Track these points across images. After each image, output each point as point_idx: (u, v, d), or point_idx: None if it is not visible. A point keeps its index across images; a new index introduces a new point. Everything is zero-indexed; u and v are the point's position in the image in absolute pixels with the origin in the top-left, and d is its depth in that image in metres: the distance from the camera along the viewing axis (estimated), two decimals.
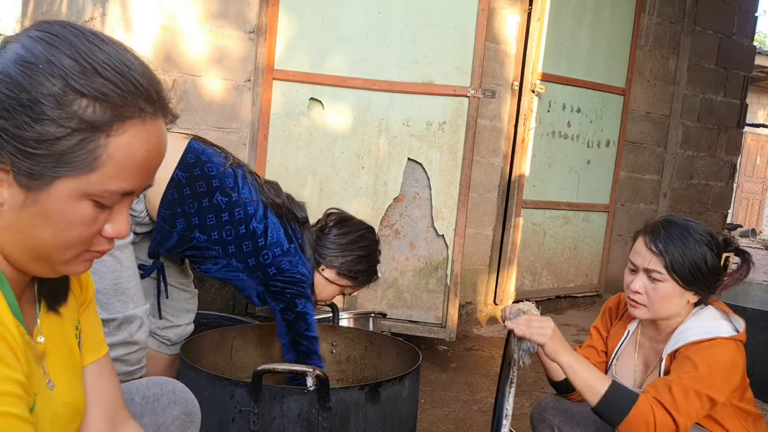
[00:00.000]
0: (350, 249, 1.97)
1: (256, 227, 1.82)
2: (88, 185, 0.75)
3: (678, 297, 1.53)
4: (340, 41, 3.22)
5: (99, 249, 0.83)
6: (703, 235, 1.53)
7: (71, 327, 0.96)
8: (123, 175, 0.77)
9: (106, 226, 0.81)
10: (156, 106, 0.80)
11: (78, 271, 0.84)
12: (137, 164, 0.78)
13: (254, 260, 1.84)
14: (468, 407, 2.78)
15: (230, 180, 1.82)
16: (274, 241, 1.84)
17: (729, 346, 1.47)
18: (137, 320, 1.79)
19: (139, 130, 0.77)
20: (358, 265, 1.99)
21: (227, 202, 1.79)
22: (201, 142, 1.88)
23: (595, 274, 4.55)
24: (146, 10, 2.79)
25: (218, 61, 2.98)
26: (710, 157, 5.15)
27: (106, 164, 0.75)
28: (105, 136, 0.74)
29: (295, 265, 1.86)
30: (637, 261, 1.56)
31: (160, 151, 0.82)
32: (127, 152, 0.76)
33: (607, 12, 4.17)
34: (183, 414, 1.26)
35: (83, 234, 0.78)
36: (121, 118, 0.75)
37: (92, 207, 0.77)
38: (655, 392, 1.42)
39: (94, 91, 0.73)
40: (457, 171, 3.45)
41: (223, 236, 1.80)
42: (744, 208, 12.99)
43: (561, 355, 1.43)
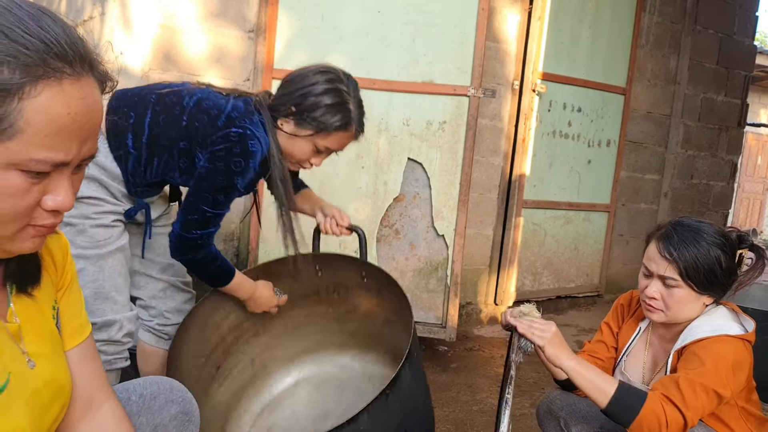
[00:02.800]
0: (301, 90, 1.75)
1: (187, 102, 1.76)
2: (9, 154, 0.71)
3: (694, 301, 1.53)
4: (339, 40, 3.21)
5: (43, 223, 0.78)
6: (716, 237, 1.51)
7: (48, 308, 0.95)
8: (47, 142, 0.72)
9: (45, 198, 0.77)
10: (76, 67, 0.74)
11: (27, 248, 0.80)
12: (61, 129, 0.73)
13: (194, 131, 1.74)
14: (468, 408, 2.78)
15: (162, 84, 1.83)
16: (208, 105, 1.75)
17: (734, 343, 1.46)
18: (116, 324, 1.77)
19: (56, 92, 0.72)
20: (315, 104, 1.75)
21: (158, 97, 1.78)
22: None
23: (595, 274, 4.54)
24: (145, 9, 2.79)
25: (218, 60, 2.97)
26: (711, 156, 5.14)
27: (24, 130, 0.70)
28: (17, 100, 0.69)
29: (233, 120, 1.72)
30: (651, 267, 1.55)
31: (88, 116, 0.76)
32: (47, 116, 0.71)
33: (608, 11, 4.16)
34: (181, 413, 1.26)
35: (17, 207, 0.74)
36: (32, 78, 0.70)
37: (22, 177, 0.73)
38: (663, 389, 1.41)
39: (0, 54, 0.69)
40: (457, 171, 3.45)
41: (161, 124, 1.75)
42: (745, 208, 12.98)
43: (563, 359, 1.42)
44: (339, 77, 1.81)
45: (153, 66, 2.81)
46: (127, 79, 2.78)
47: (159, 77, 2.83)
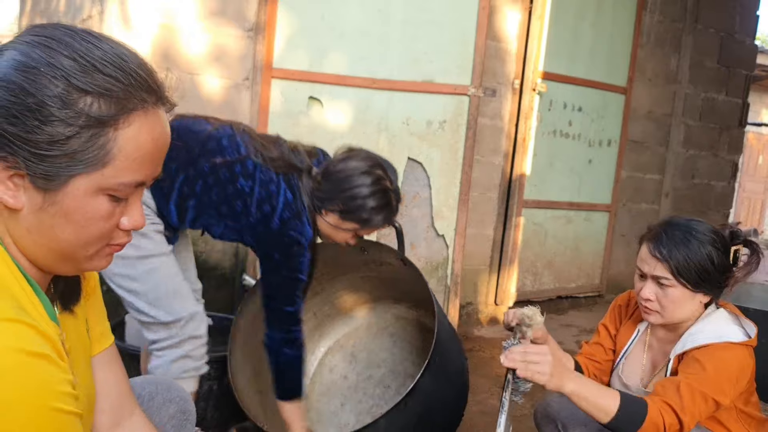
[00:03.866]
0: (348, 191, 1.81)
1: (242, 185, 1.79)
2: (102, 180, 0.77)
3: (689, 300, 1.52)
4: (339, 39, 3.20)
5: (118, 242, 0.85)
6: (706, 235, 1.50)
7: (83, 322, 0.98)
8: (134, 166, 0.79)
9: (122, 219, 0.83)
10: (156, 96, 0.82)
11: (101, 266, 0.86)
12: (146, 154, 0.80)
13: (245, 219, 1.81)
14: (468, 408, 2.76)
15: (212, 144, 1.80)
16: (261, 198, 1.79)
17: (739, 351, 1.45)
18: (199, 315, 1.86)
19: (143, 121, 0.79)
20: (360, 206, 1.83)
21: (210, 167, 1.78)
22: (178, 119, 1.85)
23: (596, 275, 4.53)
24: (144, 7, 2.78)
25: (217, 59, 2.96)
26: (712, 156, 5.13)
27: (117, 157, 0.77)
28: (113, 130, 0.76)
29: (285, 222, 1.79)
30: (644, 268, 1.54)
31: (165, 139, 0.84)
32: (136, 143, 0.78)
33: (609, 10, 4.15)
34: (179, 412, 1.26)
35: (103, 229, 0.81)
36: (126, 110, 0.77)
37: (108, 201, 0.79)
38: (663, 392, 1.41)
39: (97, 88, 0.75)
40: (457, 170, 3.44)
41: (213, 198, 1.80)
42: (746, 208, 12.96)
43: (564, 386, 1.38)
44: (383, 175, 1.87)
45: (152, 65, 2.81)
46: None
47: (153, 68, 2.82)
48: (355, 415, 2.49)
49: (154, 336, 1.84)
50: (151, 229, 1.78)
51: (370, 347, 2.61)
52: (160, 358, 1.84)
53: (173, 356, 1.83)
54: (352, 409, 2.51)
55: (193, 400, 1.90)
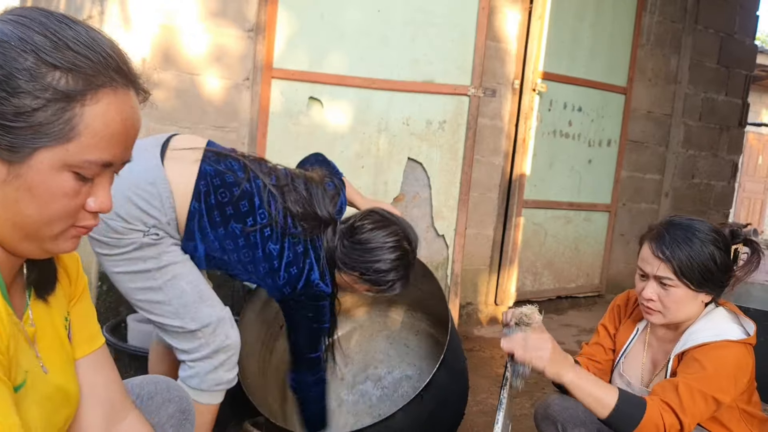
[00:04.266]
0: (372, 262, 1.86)
1: (271, 249, 1.81)
2: (67, 155, 0.78)
3: (691, 300, 1.51)
4: (339, 40, 3.20)
5: (84, 224, 0.85)
6: (708, 234, 1.50)
7: (60, 318, 0.98)
8: (101, 144, 0.80)
9: (89, 200, 0.83)
10: (126, 78, 0.83)
11: (66, 248, 0.86)
12: (114, 134, 0.81)
13: (271, 280, 1.84)
14: (468, 408, 2.76)
15: (245, 204, 1.79)
16: (289, 261, 1.82)
17: (737, 349, 1.45)
18: (227, 320, 1.84)
19: (112, 99, 0.80)
20: (381, 277, 1.88)
21: (242, 229, 1.78)
22: (212, 160, 1.81)
23: (596, 275, 4.53)
24: (145, 8, 2.78)
25: (217, 59, 2.96)
26: (712, 156, 5.13)
27: (83, 134, 0.78)
28: (80, 106, 0.77)
29: (311, 283, 1.84)
30: (646, 268, 1.54)
31: (134, 123, 0.84)
32: (103, 121, 0.79)
33: (609, 10, 4.15)
34: (178, 412, 1.26)
35: (67, 207, 0.81)
36: (93, 87, 0.78)
37: (73, 179, 0.80)
38: (662, 393, 1.40)
39: (65, 63, 0.77)
40: (457, 170, 3.44)
41: (242, 258, 1.81)
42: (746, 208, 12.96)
43: (563, 375, 1.40)
44: (408, 250, 1.92)
45: (152, 65, 2.81)
46: None
47: (158, 76, 2.83)
48: (353, 416, 2.50)
49: (185, 346, 1.81)
50: (169, 243, 1.77)
51: (366, 348, 2.62)
52: (193, 369, 1.81)
53: (208, 368, 1.80)
54: (350, 410, 2.52)
55: (216, 413, 1.87)
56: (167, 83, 2.86)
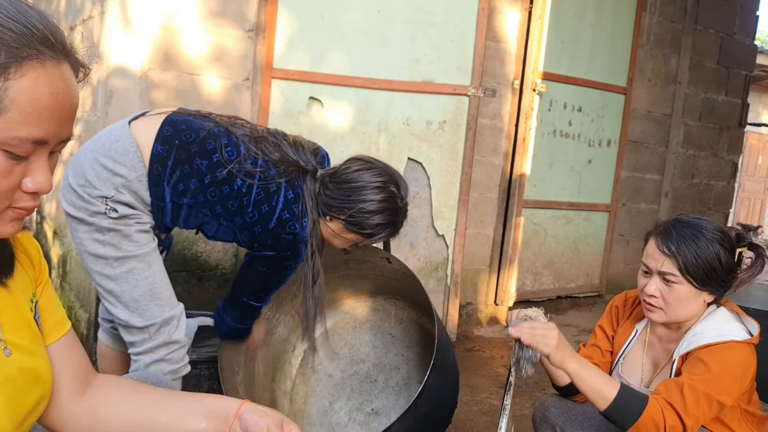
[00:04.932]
0: (357, 202, 1.77)
1: (240, 186, 1.75)
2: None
3: (694, 298, 1.51)
4: (339, 40, 3.20)
5: (23, 206, 0.82)
6: (715, 233, 1.50)
7: (25, 301, 0.97)
8: (30, 120, 0.76)
9: (25, 181, 0.80)
10: (56, 51, 0.79)
11: (6, 231, 0.83)
12: (44, 108, 0.77)
13: (240, 219, 1.77)
14: (469, 408, 2.77)
15: (211, 142, 1.77)
16: (260, 198, 1.76)
17: (742, 350, 1.45)
18: (174, 320, 1.84)
19: (40, 73, 0.76)
20: (368, 219, 1.79)
21: (207, 165, 1.75)
22: (179, 113, 1.82)
23: (596, 275, 4.53)
24: (145, 8, 2.78)
25: (217, 59, 2.96)
26: (712, 156, 5.14)
27: (9, 109, 0.74)
28: (3, 80, 0.74)
29: (284, 223, 1.75)
30: (650, 264, 1.54)
31: (68, 97, 0.80)
32: (31, 96, 0.75)
33: (609, 10, 4.16)
34: None
35: (0, 187, 0.78)
36: (17, 59, 0.74)
37: (4, 157, 0.76)
38: (666, 393, 1.40)
39: None
40: (457, 170, 3.44)
41: (208, 198, 1.76)
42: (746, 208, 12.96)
43: (567, 362, 1.41)
44: (396, 193, 1.82)
45: (152, 65, 2.81)
46: (127, 78, 2.77)
47: (158, 77, 2.83)
48: (347, 413, 2.50)
49: (129, 338, 1.84)
50: (134, 230, 1.75)
51: (351, 342, 2.62)
52: (136, 363, 1.84)
53: (148, 360, 1.82)
54: (342, 407, 2.52)
55: None
56: (167, 83, 2.87)
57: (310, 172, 1.83)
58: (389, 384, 2.54)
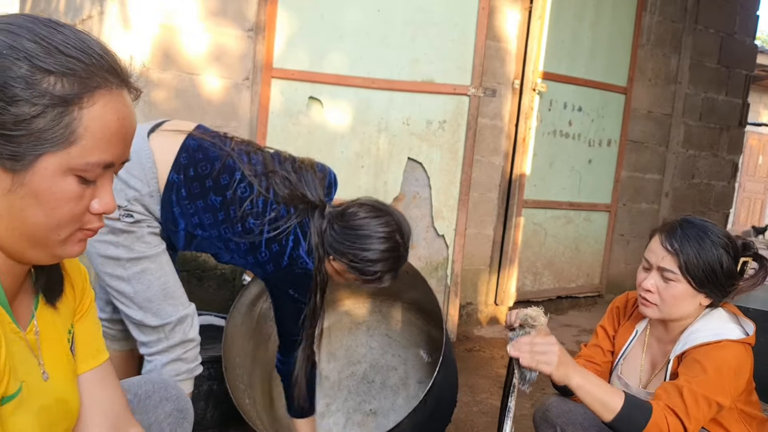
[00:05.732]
0: (361, 250, 1.79)
1: (252, 225, 1.78)
2: (69, 159, 0.78)
3: (690, 298, 1.51)
4: (339, 39, 3.20)
5: (90, 227, 0.85)
6: (720, 238, 1.50)
7: (64, 331, 0.97)
8: (101, 145, 0.80)
9: (93, 203, 0.84)
10: (119, 78, 0.83)
11: (75, 252, 0.86)
12: (113, 134, 0.81)
13: (252, 258, 1.82)
14: (469, 408, 2.76)
15: (225, 177, 1.79)
16: (270, 238, 1.79)
17: (736, 349, 1.45)
18: (188, 319, 1.85)
19: (108, 100, 0.80)
20: (370, 267, 1.81)
21: (221, 202, 1.77)
22: (197, 137, 1.83)
23: (596, 275, 4.53)
24: (145, 8, 2.77)
25: (217, 59, 2.96)
26: (712, 156, 5.13)
27: (83, 136, 0.78)
28: (78, 109, 0.78)
29: (295, 261, 1.79)
30: (651, 258, 1.53)
31: (131, 121, 0.85)
32: (102, 122, 0.80)
33: (609, 10, 4.15)
34: (175, 410, 1.26)
35: (73, 211, 0.81)
36: (89, 89, 0.78)
37: (77, 183, 0.80)
38: (666, 398, 1.40)
39: (59, 68, 0.76)
40: (457, 170, 3.44)
41: (222, 233, 1.80)
42: (746, 208, 12.96)
43: (570, 378, 1.39)
44: (400, 243, 1.84)
45: (152, 65, 2.80)
46: None
47: (158, 76, 2.82)
48: (344, 414, 2.50)
49: (143, 338, 1.83)
50: (145, 231, 1.77)
51: (347, 344, 2.62)
52: (151, 363, 1.84)
53: (164, 360, 1.83)
54: (339, 408, 2.51)
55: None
56: (167, 83, 2.86)
57: (319, 208, 1.85)
58: (387, 384, 2.54)
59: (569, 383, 1.40)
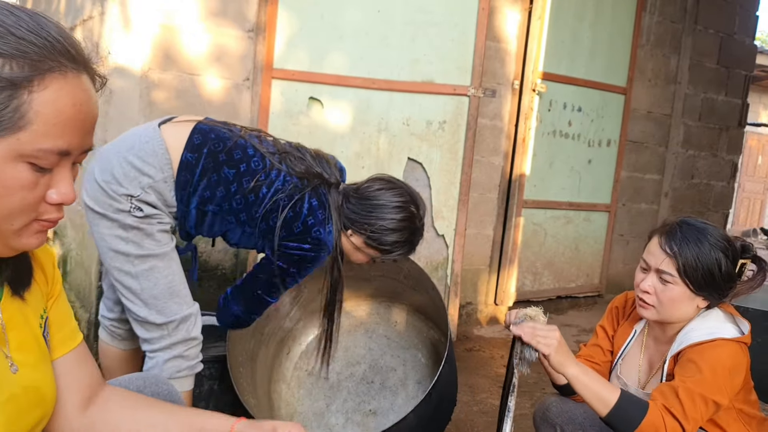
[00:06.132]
0: (377, 219, 1.83)
1: (265, 194, 1.80)
2: (19, 145, 0.75)
3: (687, 301, 1.51)
4: (339, 40, 3.20)
5: (48, 218, 0.82)
6: (719, 240, 1.50)
7: (35, 316, 0.96)
8: (54, 131, 0.77)
9: (49, 192, 0.80)
10: (76, 62, 0.79)
11: (32, 244, 0.83)
12: (67, 120, 0.78)
13: (265, 224, 1.82)
14: (469, 408, 2.77)
15: (238, 152, 1.81)
16: (285, 204, 1.80)
17: (731, 347, 1.45)
18: (192, 318, 1.87)
19: (62, 85, 0.77)
20: (387, 236, 1.84)
21: (234, 174, 1.79)
22: (209, 122, 1.87)
23: (596, 275, 4.53)
24: (145, 8, 2.78)
25: (217, 59, 2.96)
26: (711, 156, 5.14)
27: (34, 121, 0.75)
28: (27, 93, 0.74)
29: (309, 228, 1.80)
30: (650, 260, 1.53)
31: (89, 107, 0.81)
32: (54, 107, 0.76)
33: (608, 11, 4.16)
34: None
35: (26, 200, 0.78)
36: (40, 71, 0.75)
37: (29, 170, 0.77)
38: (663, 399, 1.40)
39: (9, 50, 0.73)
40: (457, 170, 3.44)
41: (234, 205, 1.81)
42: (745, 208, 12.97)
43: (567, 366, 1.41)
44: (415, 214, 1.89)
45: (153, 66, 2.81)
46: (127, 78, 2.77)
47: (158, 77, 2.83)
48: (344, 414, 2.50)
49: (146, 335, 1.85)
50: (155, 229, 1.78)
51: (346, 345, 2.62)
52: (153, 360, 1.85)
53: (166, 357, 1.84)
54: (339, 409, 2.51)
55: (191, 398, 1.92)
56: (167, 83, 2.87)
57: (334, 184, 1.88)
58: (386, 385, 2.55)
59: (565, 372, 1.41)
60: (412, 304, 2.52)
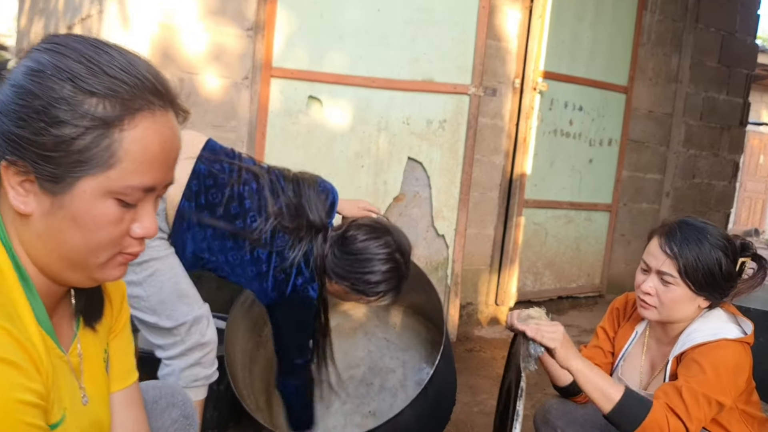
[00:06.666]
0: (363, 273, 1.84)
1: (260, 254, 1.81)
2: (109, 182, 0.77)
3: (689, 301, 1.50)
4: (339, 39, 3.19)
5: (130, 251, 0.84)
6: (719, 240, 1.49)
7: (102, 349, 0.97)
8: (142, 169, 0.79)
9: (133, 227, 0.82)
10: (164, 100, 0.81)
11: (114, 276, 0.85)
12: (154, 157, 0.79)
13: (257, 285, 1.84)
14: (469, 409, 2.76)
15: (236, 206, 1.81)
16: (276, 266, 1.82)
17: (734, 348, 1.44)
18: (204, 319, 1.86)
19: (150, 123, 0.79)
20: (373, 288, 1.86)
21: (231, 231, 1.80)
22: (207, 160, 1.83)
23: (597, 275, 4.52)
24: (144, 7, 2.77)
25: (216, 58, 2.95)
26: (713, 156, 5.12)
27: (123, 159, 0.77)
28: (118, 131, 0.76)
29: (299, 290, 1.83)
30: (650, 262, 1.53)
31: (174, 144, 0.83)
32: (142, 145, 0.78)
33: (609, 9, 4.14)
34: (181, 417, 1.27)
35: (112, 234, 0.80)
36: (131, 111, 0.77)
37: (116, 206, 0.79)
38: (666, 398, 1.39)
39: (102, 89, 0.75)
40: (457, 170, 3.43)
41: (230, 259, 1.82)
42: (747, 208, 12.95)
43: (572, 360, 1.40)
44: (401, 262, 1.87)
45: None
46: None
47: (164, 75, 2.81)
48: (343, 416, 2.50)
49: (159, 341, 1.84)
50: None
51: (345, 348, 2.61)
52: (169, 367, 1.84)
53: (183, 365, 1.83)
54: (338, 410, 2.51)
55: (203, 407, 1.90)
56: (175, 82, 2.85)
57: (321, 232, 1.87)
58: (385, 387, 2.54)
59: (570, 366, 1.40)
60: (410, 306, 2.51)
